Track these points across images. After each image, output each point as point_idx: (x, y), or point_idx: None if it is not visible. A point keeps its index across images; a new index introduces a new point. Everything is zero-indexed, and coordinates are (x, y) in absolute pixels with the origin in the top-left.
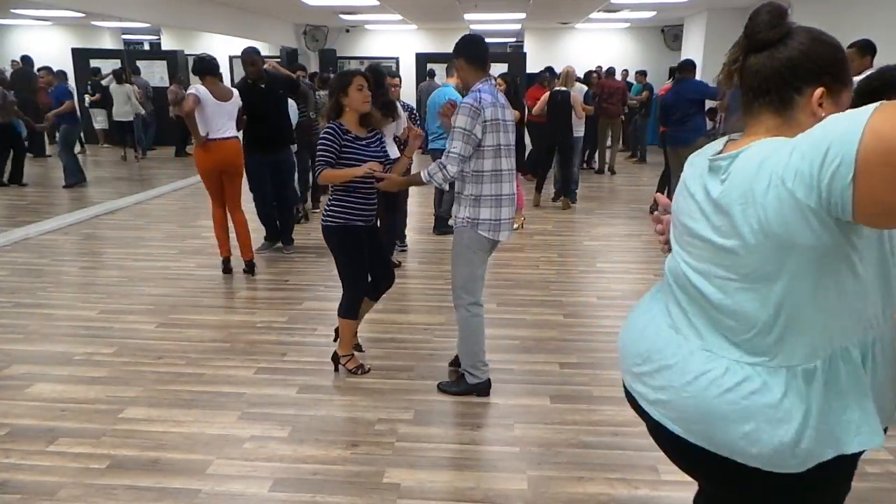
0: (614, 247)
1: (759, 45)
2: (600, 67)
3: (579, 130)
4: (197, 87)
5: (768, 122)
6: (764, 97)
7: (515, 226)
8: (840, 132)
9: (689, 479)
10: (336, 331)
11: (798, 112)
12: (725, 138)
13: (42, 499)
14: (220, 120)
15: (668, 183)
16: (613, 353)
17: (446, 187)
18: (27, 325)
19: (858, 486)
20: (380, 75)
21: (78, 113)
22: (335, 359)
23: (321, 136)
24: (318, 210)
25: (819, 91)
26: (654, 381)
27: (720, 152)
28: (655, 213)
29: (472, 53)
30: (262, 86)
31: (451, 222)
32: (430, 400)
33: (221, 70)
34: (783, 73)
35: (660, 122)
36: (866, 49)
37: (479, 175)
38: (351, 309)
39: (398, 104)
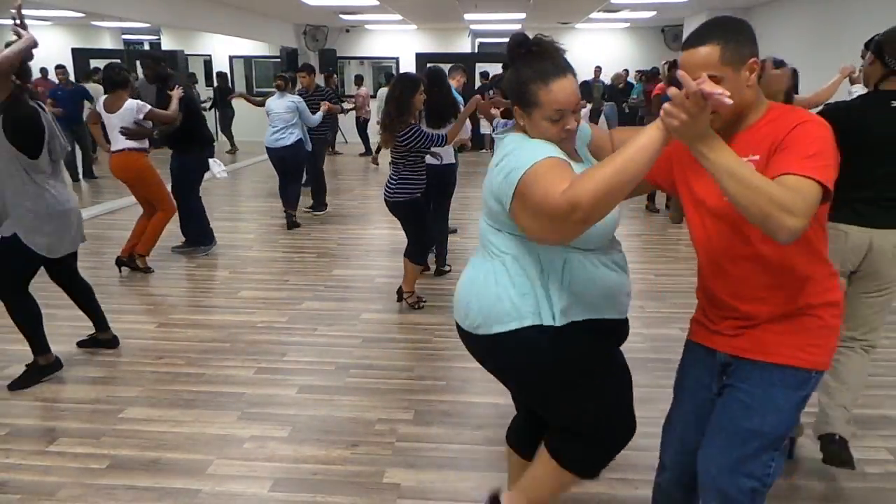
0: None
1: (504, 66)
2: (600, 68)
3: None
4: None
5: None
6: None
7: None
8: (519, 162)
9: None
10: (399, 291)
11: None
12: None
13: (42, 499)
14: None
15: None
16: None
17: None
18: None
19: (858, 486)
20: (440, 76)
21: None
22: (399, 292)
23: (421, 133)
24: (321, 211)
25: (515, 108)
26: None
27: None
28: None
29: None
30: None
31: None
32: (430, 400)
33: (222, 71)
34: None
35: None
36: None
37: None
38: (421, 256)
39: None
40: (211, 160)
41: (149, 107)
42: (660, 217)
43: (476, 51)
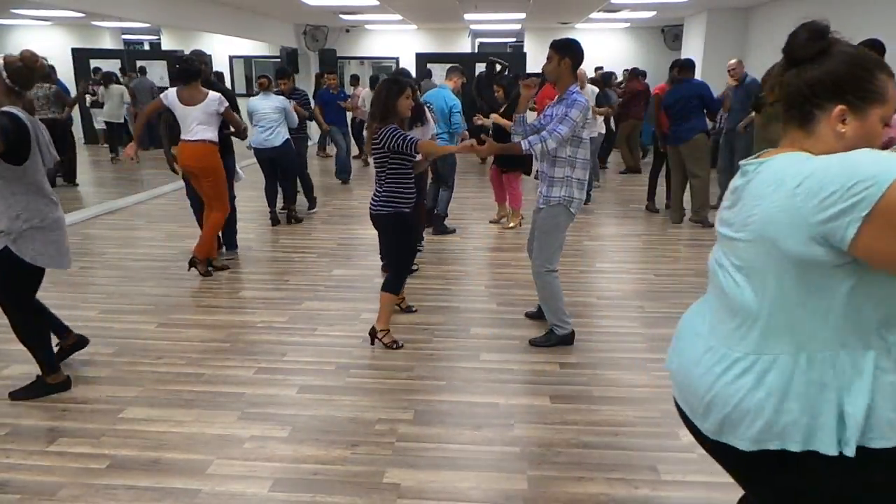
0: (614, 247)
1: (793, 61)
2: (601, 68)
3: (592, 131)
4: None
5: (793, 134)
6: (790, 111)
7: (512, 224)
8: (869, 173)
9: (690, 479)
10: (371, 333)
11: (820, 127)
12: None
13: (42, 499)
14: (185, 122)
15: (656, 181)
16: (613, 352)
17: (539, 157)
18: None
19: None
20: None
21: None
22: (372, 333)
23: (397, 130)
24: (314, 211)
25: (838, 109)
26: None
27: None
28: None
29: (579, 60)
30: None
31: (540, 203)
32: (430, 400)
33: (219, 71)
34: (804, 90)
35: (656, 120)
36: (874, 49)
37: (576, 161)
38: (399, 285)
39: (425, 108)
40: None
41: (227, 103)
42: (660, 217)
43: (476, 51)
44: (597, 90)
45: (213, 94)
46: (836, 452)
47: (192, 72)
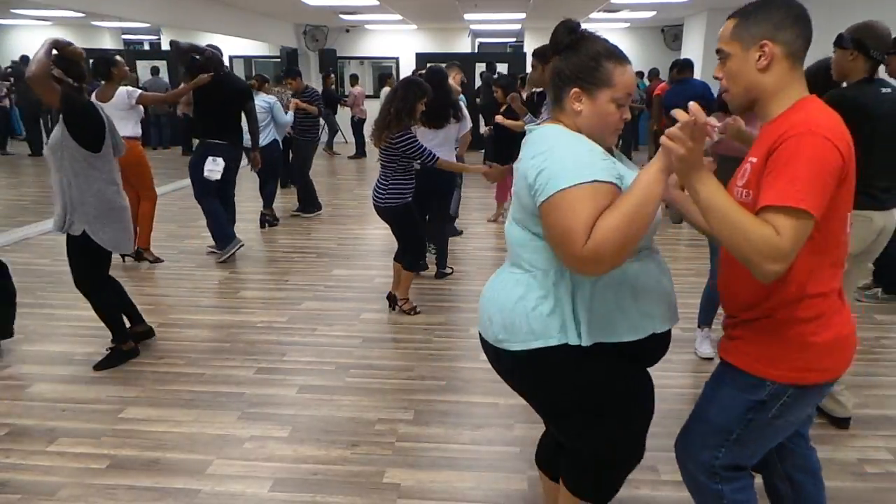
0: None
1: (556, 51)
2: None
3: None
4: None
5: (555, 109)
6: (552, 91)
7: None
8: (557, 172)
9: None
10: (390, 297)
11: (566, 104)
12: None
13: (42, 499)
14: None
15: None
16: None
17: None
18: (27, 325)
19: (858, 486)
20: (440, 76)
21: None
22: (391, 298)
23: (416, 141)
24: (312, 214)
25: (574, 91)
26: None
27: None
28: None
29: None
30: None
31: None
32: (430, 400)
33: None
34: (555, 75)
35: (656, 121)
36: None
37: None
38: (414, 264)
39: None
40: (209, 157)
41: (138, 92)
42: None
43: (476, 51)
44: None
45: (121, 91)
46: (579, 343)
47: (102, 72)
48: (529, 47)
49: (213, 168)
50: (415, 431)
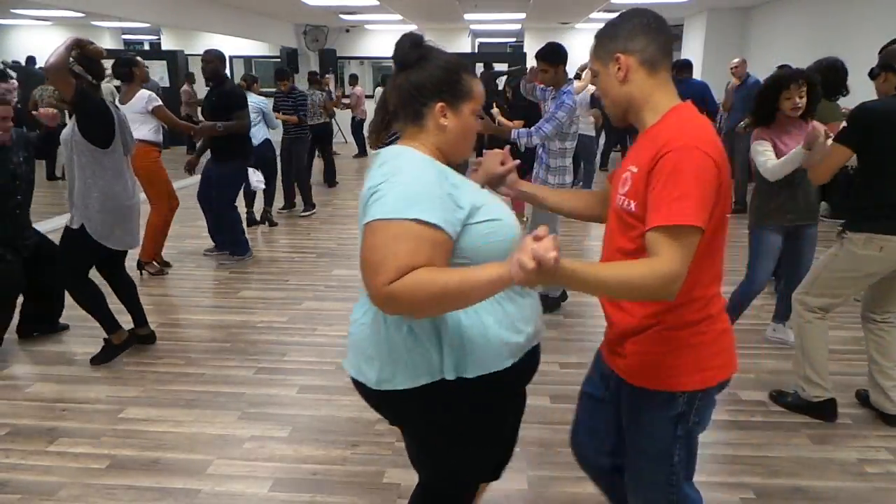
0: None
1: (401, 66)
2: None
3: (588, 130)
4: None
5: (409, 128)
6: (404, 109)
7: None
8: (387, 199)
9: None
10: None
11: (427, 121)
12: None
13: (42, 499)
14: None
15: None
16: None
17: (522, 148)
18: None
19: (858, 486)
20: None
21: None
22: None
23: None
24: (310, 212)
25: (439, 106)
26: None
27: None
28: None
29: (566, 61)
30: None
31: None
32: None
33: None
34: (412, 91)
35: None
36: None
37: (566, 151)
38: None
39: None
40: (250, 170)
41: (157, 102)
42: None
43: (476, 51)
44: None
45: (142, 93)
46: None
47: (122, 73)
48: (529, 47)
49: (259, 178)
50: None
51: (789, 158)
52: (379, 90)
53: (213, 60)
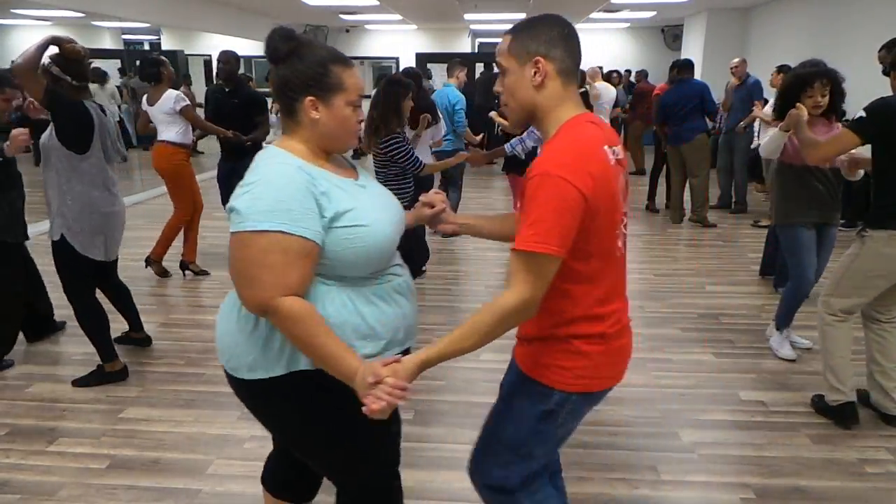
0: None
1: (273, 61)
2: (601, 69)
3: None
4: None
5: (287, 122)
6: (279, 104)
7: None
8: (250, 208)
9: (690, 479)
10: None
11: (301, 115)
12: None
13: (42, 499)
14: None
15: (657, 181)
16: None
17: (522, 156)
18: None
19: (858, 486)
20: (417, 78)
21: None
22: None
23: (404, 146)
24: None
25: (308, 100)
26: None
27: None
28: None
29: None
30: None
31: None
32: (431, 400)
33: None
34: (282, 86)
35: (657, 121)
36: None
37: None
38: (420, 270)
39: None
40: None
41: (185, 102)
42: (660, 217)
43: (476, 51)
44: (612, 89)
45: (170, 93)
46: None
47: (150, 73)
48: None
49: None
50: (415, 431)
51: (772, 137)
52: (373, 91)
53: (230, 61)
